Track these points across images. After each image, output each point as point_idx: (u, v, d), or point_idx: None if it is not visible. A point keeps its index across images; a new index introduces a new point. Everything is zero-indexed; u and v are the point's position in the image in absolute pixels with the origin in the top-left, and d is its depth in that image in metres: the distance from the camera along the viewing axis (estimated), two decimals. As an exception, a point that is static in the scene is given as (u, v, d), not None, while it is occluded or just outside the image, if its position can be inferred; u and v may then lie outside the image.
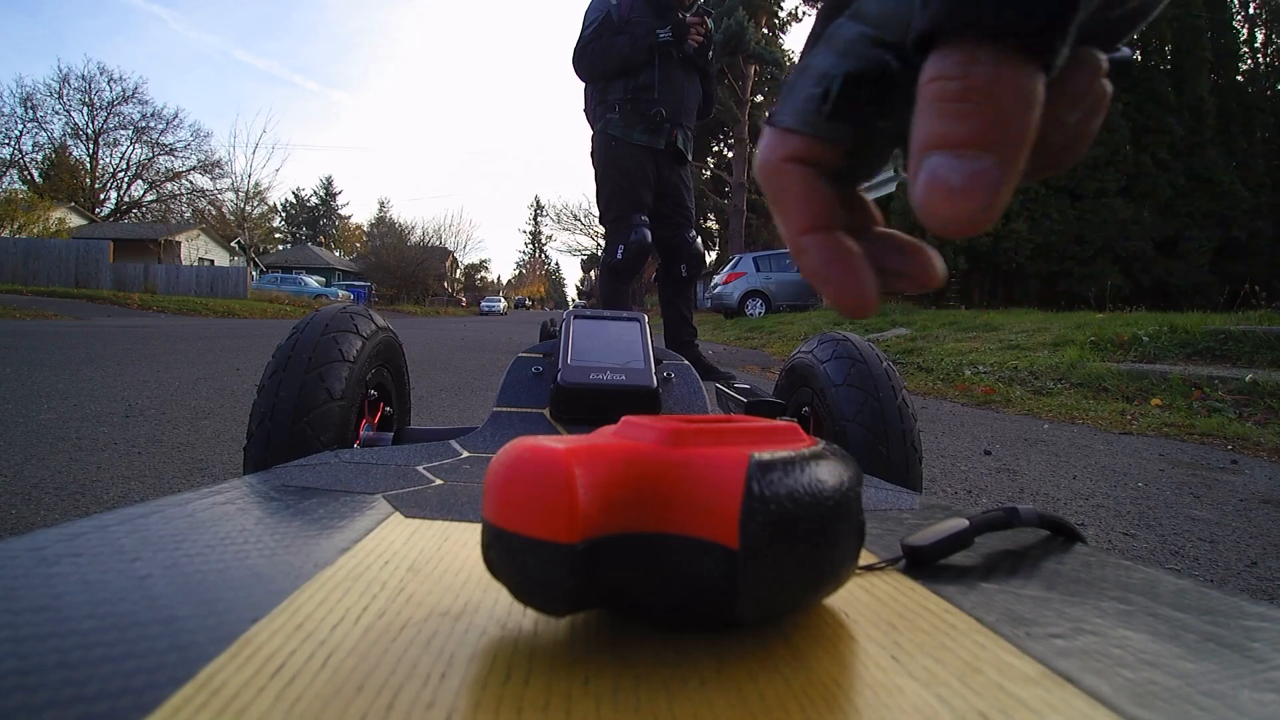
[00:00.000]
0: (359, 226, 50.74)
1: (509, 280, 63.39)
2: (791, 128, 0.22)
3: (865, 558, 0.27)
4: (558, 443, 0.16)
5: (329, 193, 50.62)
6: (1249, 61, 13.80)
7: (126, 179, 30.83)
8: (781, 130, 0.22)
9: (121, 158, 30.67)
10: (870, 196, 0.24)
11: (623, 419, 0.18)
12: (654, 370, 0.65)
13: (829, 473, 0.16)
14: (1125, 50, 0.20)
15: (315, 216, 50.30)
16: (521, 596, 0.16)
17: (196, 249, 27.09)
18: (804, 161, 0.22)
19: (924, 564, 0.26)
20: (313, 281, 26.12)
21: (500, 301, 37.90)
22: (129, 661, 0.15)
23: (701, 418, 0.19)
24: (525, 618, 0.19)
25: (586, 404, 0.63)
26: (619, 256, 2.96)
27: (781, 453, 0.16)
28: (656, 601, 0.17)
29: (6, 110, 29.14)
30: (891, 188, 10.82)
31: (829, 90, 0.20)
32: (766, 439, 0.17)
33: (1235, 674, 0.17)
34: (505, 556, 0.16)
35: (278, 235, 45.76)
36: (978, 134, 0.15)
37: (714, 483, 0.15)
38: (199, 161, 31.27)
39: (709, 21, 2.92)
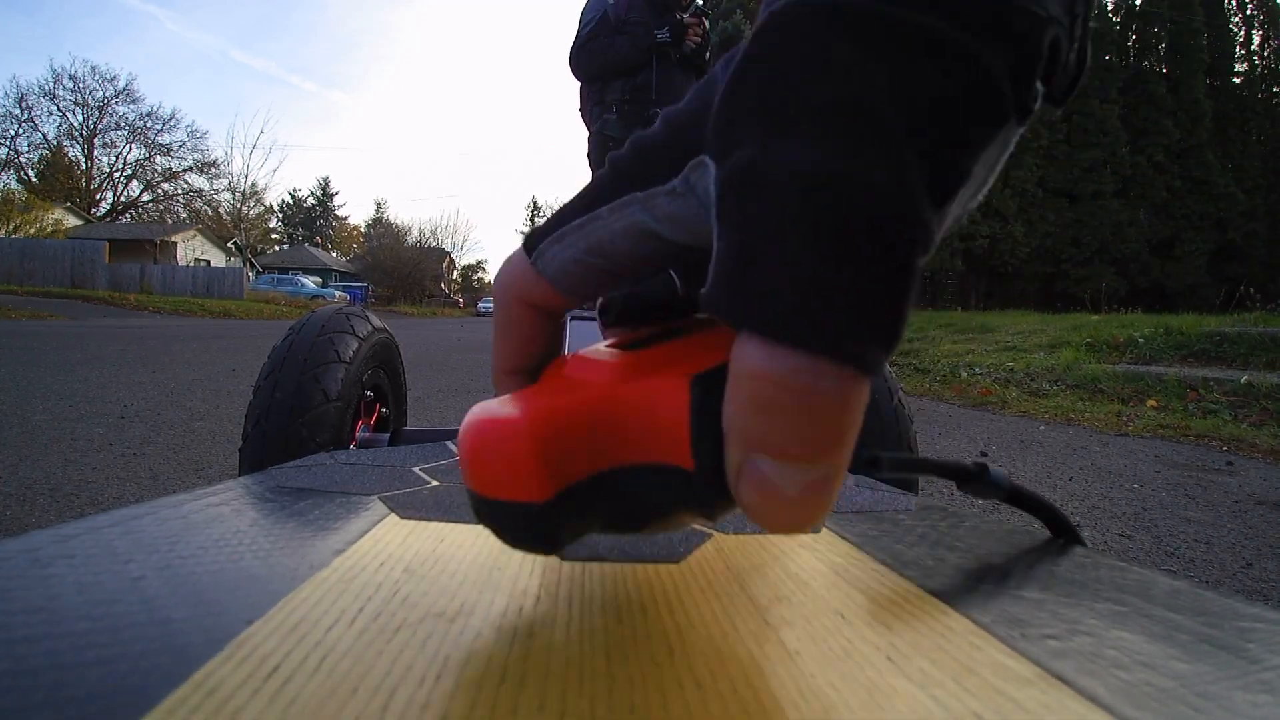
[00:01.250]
0: (356, 227, 50.71)
1: (506, 281, 63.24)
2: (550, 281, 0.20)
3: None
4: (513, 406, 0.17)
5: (326, 193, 50.53)
6: (1246, 64, 13.84)
7: (123, 179, 30.79)
8: (538, 273, 0.20)
9: (118, 158, 30.63)
10: None
11: (574, 355, 0.19)
12: None
13: None
14: None
15: (312, 217, 50.19)
16: (516, 546, 0.18)
17: (193, 249, 27.03)
18: (542, 311, 0.21)
19: (877, 471, 0.26)
20: (309, 282, 26.03)
21: (497, 302, 37.67)
22: (123, 663, 0.15)
23: (644, 333, 0.19)
24: (521, 620, 0.19)
25: None
26: None
27: (720, 364, 0.15)
28: (635, 520, 0.18)
29: (2, 111, 29.08)
30: None
31: (609, 304, 0.19)
32: (709, 349, 0.17)
33: (1230, 675, 0.17)
34: (491, 516, 0.17)
35: (274, 236, 45.65)
36: (813, 449, 0.13)
37: (661, 412, 0.16)
38: (195, 162, 31.25)
39: (706, 22, 2.92)
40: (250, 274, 24.48)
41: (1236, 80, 13.45)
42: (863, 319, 0.13)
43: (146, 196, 31.05)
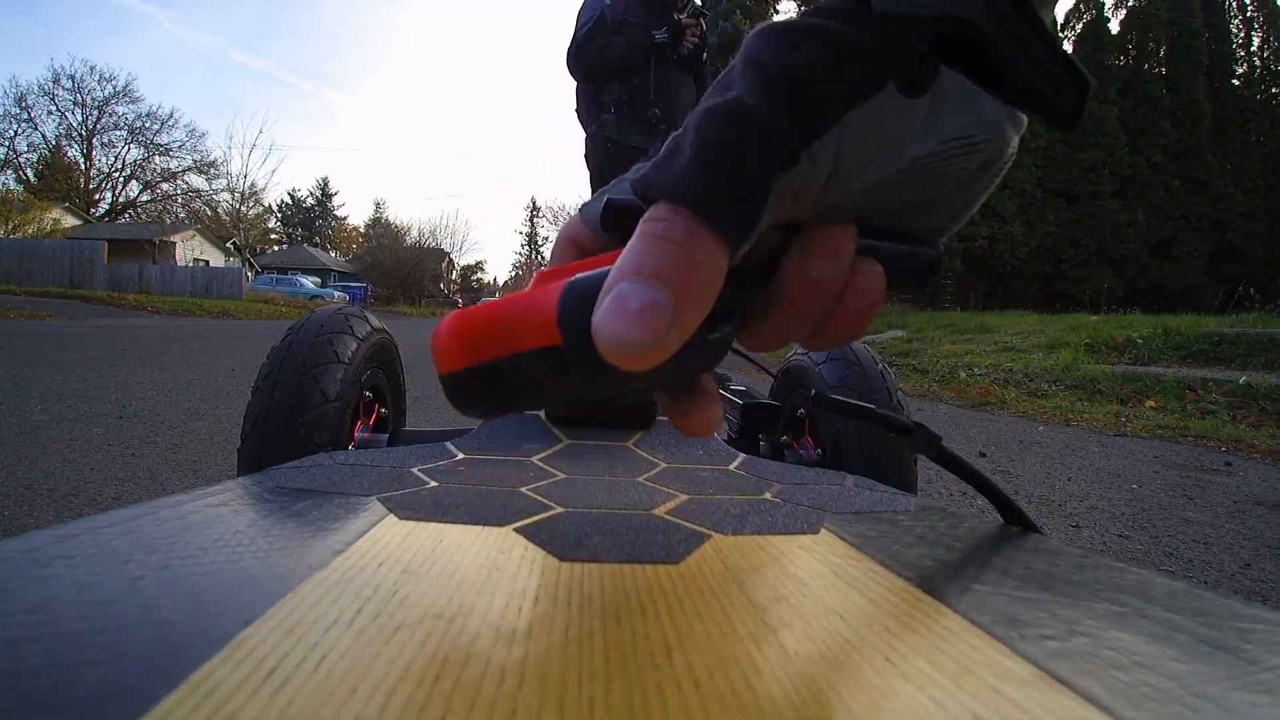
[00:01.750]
0: (355, 228, 50.68)
1: (505, 281, 63.28)
2: (586, 224, 0.30)
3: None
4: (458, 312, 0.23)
5: (325, 193, 50.46)
6: (1245, 65, 13.84)
7: (122, 179, 30.75)
8: (580, 218, 0.30)
9: (116, 158, 30.57)
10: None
11: (536, 274, 0.24)
12: None
13: None
14: (930, 251, 0.23)
15: (311, 217, 50.12)
16: (455, 406, 0.24)
17: (192, 249, 26.99)
18: (581, 247, 0.30)
19: (817, 408, 0.30)
20: (308, 282, 25.97)
21: (497, 302, 37.72)
22: (121, 664, 0.15)
23: (592, 260, 0.23)
24: (519, 621, 0.19)
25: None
26: None
27: (596, 271, 0.20)
28: (535, 394, 0.22)
29: (1, 111, 29.04)
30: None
31: (602, 209, 0.25)
32: (601, 264, 0.21)
33: (1228, 676, 0.17)
34: (443, 387, 0.23)
35: (273, 236, 45.61)
36: (665, 271, 0.17)
37: (544, 307, 0.20)
38: (194, 162, 31.22)
39: (704, 22, 2.92)
40: (249, 274, 24.45)
41: (1236, 82, 13.43)
42: (728, 201, 0.18)
43: (145, 197, 31.04)
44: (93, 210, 29.45)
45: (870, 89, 0.19)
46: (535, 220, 55.46)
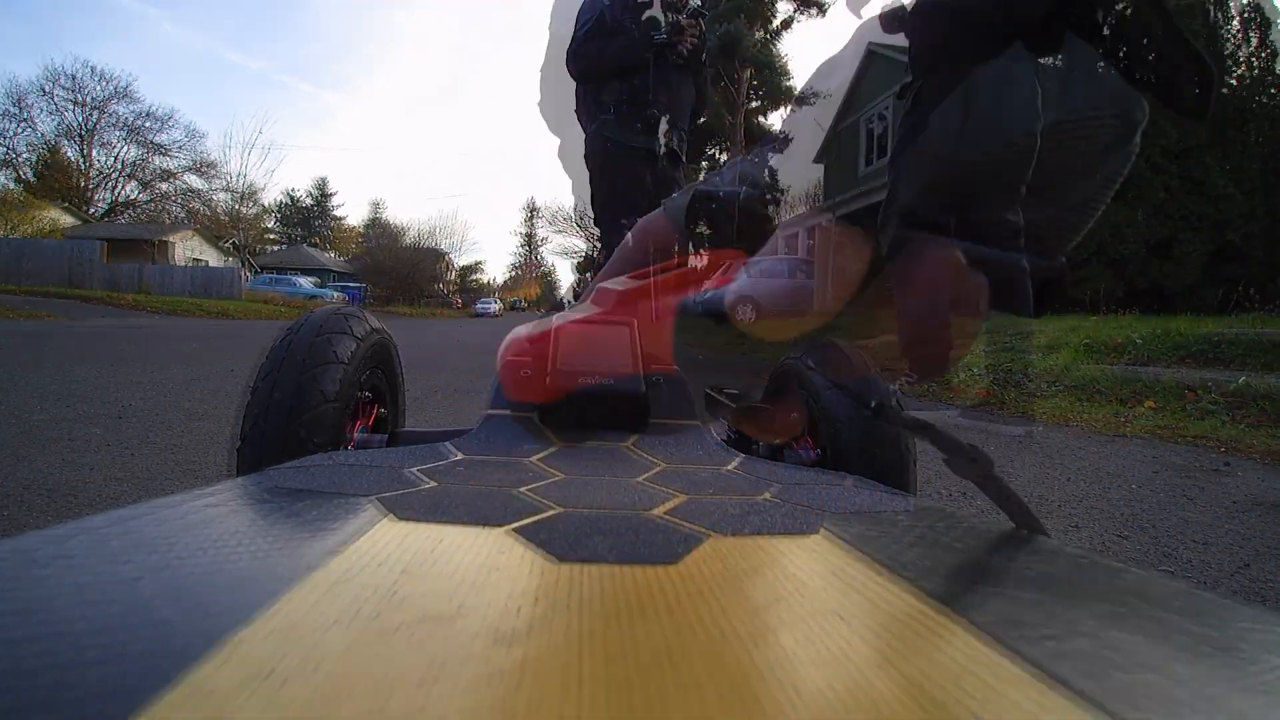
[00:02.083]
0: (354, 228, 50.70)
1: (503, 282, 63.25)
2: (668, 213, 0.31)
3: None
4: (529, 339, 0.23)
5: (323, 194, 50.47)
6: (1244, 65, 13.87)
7: (120, 179, 30.71)
8: (663, 211, 0.32)
9: (115, 158, 30.53)
10: None
11: (598, 289, 0.25)
12: (643, 375, 0.64)
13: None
14: (1058, 261, 0.24)
15: (309, 217, 50.10)
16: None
17: (190, 249, 26.96)
18: (655, 236, 0.31)
19: (879, 417, 0.30)
20: (306, 282, 25.93)
21: (494, 303, 37.90)
22: (119, 663, 0.15)
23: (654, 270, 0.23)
24: (518, 621, 0.19)
25: (575, 407, 0.63)
26: None
27: (712, 291, 0.21)
28: (599, 417, 0.23)
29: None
30: None
31: (688, 200, 0.28)
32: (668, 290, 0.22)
33: (1227, 675, 0.17)
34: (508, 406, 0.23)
35: (271, 236, 45.56)
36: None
37: (622, 342, 0.22)
38: (193, 162, 31.20)
39: (702, 23, 2.92)
40: (247, 274, 24.40)
41: (1234, 82, 13.45)
42: (925, 206, 0.22)
43: (143, 196, 31.03)
44: (91, 210, 29.40)
45: (993, 45, 0.21)
46: (533, 221, 55.37)
